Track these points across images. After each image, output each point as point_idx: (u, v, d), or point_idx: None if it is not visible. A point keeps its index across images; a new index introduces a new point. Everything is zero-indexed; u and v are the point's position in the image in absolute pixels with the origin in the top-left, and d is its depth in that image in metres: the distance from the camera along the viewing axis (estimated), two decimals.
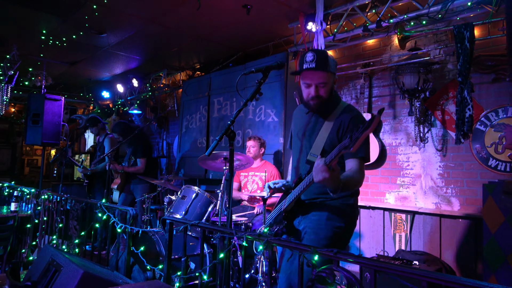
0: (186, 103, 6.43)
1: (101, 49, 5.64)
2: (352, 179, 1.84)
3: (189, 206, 3.37)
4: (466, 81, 2.94)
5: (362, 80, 4.23)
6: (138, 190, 4.88)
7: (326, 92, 1.99)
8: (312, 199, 2.02)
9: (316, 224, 1.94)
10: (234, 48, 5.50)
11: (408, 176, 3.98)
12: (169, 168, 7.26)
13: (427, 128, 3.80)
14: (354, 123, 1.94)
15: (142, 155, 4.90)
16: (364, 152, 1.91)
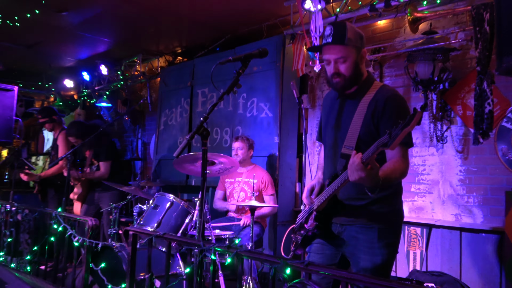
0: (165, 94, 6.58)
1: (63, 29, 5.78)
2: (393, 172, 1.95)
3: (162, 217, 3.51)
4: (486, 71, 3.09)
5: (371, 68, 4.37)
6: (105, 200, 5.02)
7: (347, 68, 2.11)
8: (352, 200, 2.14)
9: (368, 247, 2.08)
10: (222, 29, 5.64)
11: (424, 183, 4.11)
12: (145, 172, 7.40)
13: (446, 125, 3.94)
14: (391, 106, 2.05)
15: (106, 158, 5.02)
16: (407, 138, 2.01)
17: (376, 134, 2.06)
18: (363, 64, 2.19)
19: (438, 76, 3.71)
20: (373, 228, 2.08)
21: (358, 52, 2.14)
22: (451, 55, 3.78)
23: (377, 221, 2.09)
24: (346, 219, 2.15)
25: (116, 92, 7.59)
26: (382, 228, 2.08)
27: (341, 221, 2.17)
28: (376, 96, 2.10)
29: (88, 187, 5.06)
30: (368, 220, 2.10)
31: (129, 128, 7.70)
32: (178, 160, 3.71)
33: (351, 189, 2.11)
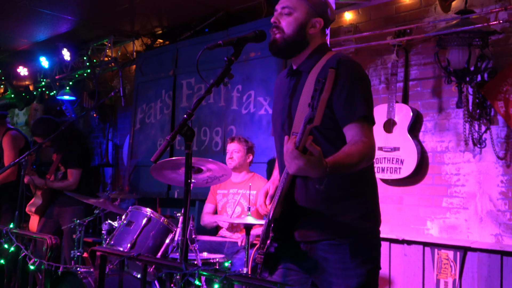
0: (142, 85, 6.66)
1: (16, 4, 5.84)
2: (347, 156, 1.91)
3: (137, 236, 3.58)
4: None
5: (394, 55, 4.45)
6: (66, 215, 5.09)
7: (289, 23, 2.17)
8: (311, 203, 2.13)
9: (339, 269, 2.07)
10: (212, 6, 5.71)
11: (458, 196, 4.20)
12: (116, 181, 7.46)
13: (485, 126, 4.02)
14: (345, 73, 2.02)
15: (76, 164, 5.10)
16: (363, 109, 2.02)
17: (330, 114, 2.07)
18: (313, 33, 2.22)
19: (475, 65, 3.80)
20: (343, 245, 2.07)
21: (310, 13, 2.19)
22: (490, 40, 3.87)
23: (347, 233, 2.09)
24: (310, 233, 2.14)
25: (81, 83, 7.66)
26: (355, 242, 2.08)
27: (305, 237, 2.15)
28: (326, 66, 2.11)
29: (49, 198, 5.14)
30: (335, 233, 2.09)
31: (97, 127, 7.77)
32: (157, 167, 3.79)
33: (308, 188, 2.12)
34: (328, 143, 2.10)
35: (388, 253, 4.44)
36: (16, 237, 2.94)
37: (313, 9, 2.20)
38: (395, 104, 4.40)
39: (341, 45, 4.79)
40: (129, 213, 3.76)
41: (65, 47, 7.01)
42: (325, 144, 2.07)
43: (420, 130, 4.43)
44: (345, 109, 2.04)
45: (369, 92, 2.12)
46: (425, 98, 4.44)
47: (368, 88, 2.13)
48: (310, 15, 2.20)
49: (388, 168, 4.42)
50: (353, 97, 2.04)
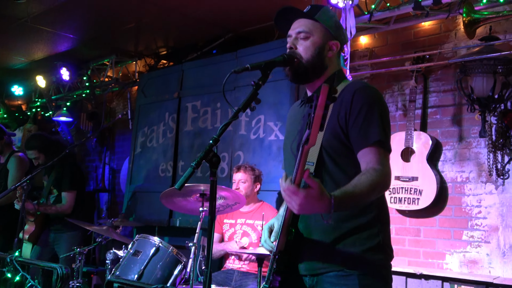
0: (144, 108, 6.66)
1: (16, 21, 5.87)
2: (357, 186, 1.87)
3: (144, 267, 3.53)
4: None
5: (412, 81, 4.49)
6: (63, 242, 5.02)
7: (307, 49, 2.17)
8: (317, 234, 2.10)
9: None
10: (220, 26, 5.76)
11: (479, 229, 4.20)
12: (113, 208, 7.42)
13: (508, 156, 4.04)
14: (360, 99, 2.03)
15: (70, 187, 5.05)
16: (379, 134, 1.99)
17: (345, 140, 2.05)
18: (331, 56, 2.24)
19: (499, 94, 3.83)
20: (352, 276, 2.02)
21: (327, 36, 2.20)
22: None
23: (356, 264, 2.04)
24: (316, 265, 2.10)
25: (79, 104, 7.66)
26: (364, 273, 2.04)
27: (310, 270, 2.12)
28: (342, 93, 2.11)
29: (42, 224, 5.09)
30: (343, 265, 2.04)
31: (93, 150, 7.75)
32: (166, 194, 3.78)
33: (314, 220, 2.08)
34: (341, 172, 2.07)
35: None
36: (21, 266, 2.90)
37: (329, 32, 2.21)
38: (413, 132, 4.42)
39: (356, 70, 4.83)
40: (135, 242, 3.72)
41: (64, 66, 7.02)
42: (337, 173, 2.07)
43: (440, 160, 4.45)
44: (360, 134, 2.02)
45: (386, 118, 2.10)
46: (444, 126, 4.46)
47: (385, 114, 2.11)
48: (327, 38, 2.21)
49: (406, 199, 4.42)
50: (368, 122, 2.02)
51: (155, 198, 6.25)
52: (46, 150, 5.00)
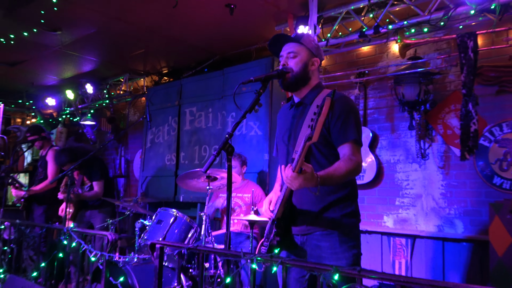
0: (152, 113, 6.47)
1: (51, 48, 5.66)
2: (335, 170, 1.94)
3: (166, 232, 3.45)
4: (471, 94, 3.27)
5: (356, 90, 4.52)
6: (97, 216, 4.87)
7: (296, 63, 2.18)
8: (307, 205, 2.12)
9: (331, 254, 2.03)
10: (210, 51, 5.68)
11: (408, 197, 4.26)
12: (128, 190, 7.25)
13: (428, 143, 4.12)
14: (339, 105, 2.05)
15: (99, 178, 4.90)
16: (354, 134, 2.04)
17: (328, 136, 2.09)
18: (313, 70, 2.24)
19: (422, 98, 3.89)
20: (332, 234, 2.05)
21: (310, 55, 2.22)
22: (433, 79, 3.98)
23: (336, 226, 2.06)
24: (306, 227, 2.11)
25: (100, 111, 7.44)
26: (342, 233, 2.05)
27: (301, 231, 2.13)
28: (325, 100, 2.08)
29: (78, 205, 4.91)
30: (326, 227, 2.07)
31: (112, 146, 7.54)
32: (181, 177, 3.70)
33: (304, 195, 2.11)
34: (325, 159, 2.11)
35: None
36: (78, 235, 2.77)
37: (311, 52, 2.23)
38: None
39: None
40: (158, 213, 3.62)
41: (88, 83, 6.80)
42: (322, 160, 2.11)
43: (377, 147, 4.49)
44: (340, 133, 2.07)
45: (358, 121, 2.14)
46: (380, 122, 4.50)
47: (358, 118, 2.14)
48: (310, 56, 2.23)
49: None
50: (346, 125, 2.06)
51: (162, 181, 6.15)
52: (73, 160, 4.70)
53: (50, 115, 8.36)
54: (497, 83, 3.64)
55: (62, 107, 7.90)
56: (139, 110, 7.24)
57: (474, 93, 3.34)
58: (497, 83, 3.64)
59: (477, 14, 3.40)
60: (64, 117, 7.98)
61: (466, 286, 1.24)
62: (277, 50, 2.32)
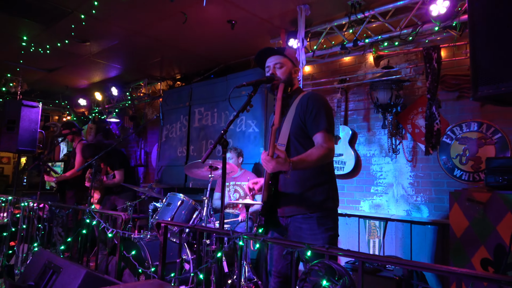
0: (166, 112, 6.49)
1: (82, 57, 5.65)
2: (308, 156, 1.91)
3: (174, 213, 3.45)
4: (434, 98, 3.23)
5: (339, 94, 4.48)
6: (120, 201, 4.88)
7: (283, 73, 2.17)
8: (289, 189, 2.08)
9: (310, 234, 2.00)
10: (215, 60, 5.66)
11: (381, 185, 4.23)
12: (147, 177, 7.25)
13: (399, 140, 4.08)
14: (312, 102, 2.05)
15: (119, 167, 4.89)
16: (325, 124, 2.01)
17: (305, 128, 2.06)
18: (295, 77, 2.24)
19: (394, 101, 3.85)
20: (312, 218, 2.01)
21: (292, 65, 2.22)
22: (403, 85, 3.94)
23: (315, 209, 2.02)
24: (289, 209, 2.07)
25: (123, 110, 7.43)
26: (320, 216, 2.01)
27: (284, 213, 2.09)
28: (302, 99, 2.12)
29: (104, 191, 4.92)
30: (306, 210, 2.03)
31: (133, 139, 7.54)
32: (188, 166, 3.68)
33: (287, 180, 2.07)
34: (303, 148, 2.07)
35: None
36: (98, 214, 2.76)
37: (292, 62, 2.23)
38: (340, 125, 4.42)
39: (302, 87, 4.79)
40: (168, 197, 3.62)
41: (113, 86, 6.79)
42: (301, 149, 2.07)
43: (356, 143, 4.46)
44: (313, 123, 2.04)
45: (330, 113, 2.11)
46: (358, 122, 4.47)
47: (329, 111, 2.11)
48: (293, 66, 2.22)
49: (336, 167, 4.42)
50: (318, 116, 2.04)
51: (175, 170, 6.15)
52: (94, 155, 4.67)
53: (82, 113, 8.36)
54: (458, 89, 3.60)
55: (92, 106, 7.89)
56: (156, 109, 7.21)
57: (438, 98, 3.30)
58: (458, 89, 3.60)
59: (441, 31, 3.36)
60: (94, 115, 7.97)
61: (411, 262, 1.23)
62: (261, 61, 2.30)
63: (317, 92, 4.64)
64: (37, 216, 3.48)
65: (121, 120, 7.34)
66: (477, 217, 3.07)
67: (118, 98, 7.18)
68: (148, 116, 6.92)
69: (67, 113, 8.59)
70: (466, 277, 1.12)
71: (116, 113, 7.26)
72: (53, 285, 1.81)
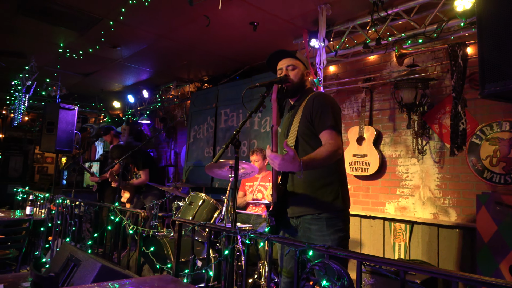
0: (194, 114, 6.65)
1: (114, 61, 5.90)
2: (316, 154, 1.86)
3: (196, 211, 3.53)
4: (460, 97, 3.11)
5: (363, 94, 4.41)
6: (148, 198, 5.07)
7: (296, 75, 2.17)
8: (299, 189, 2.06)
9: (319, 235, 1.97)
10: (241, 61, 5.73)
11: (407, 187, 4.11)
12: (176, 176, 7.44)
13: (425, 141, 3.95)
14: (318, 102, 2.04)
15: (143, 167, 5.07)
16: (331, 121, 1.98)
17: (312, 128, 2.04)
18: (307, 79, 2.22)
19: (419, 101, 3.74)
20: (321, 218, 1.98)
21: (304, 68, 2.21)
22: (429, 84, 3.82)
23: (324, 210, 1.98)
24: (298, 209, 2.04)
25: (154, 112, 7.68)
26: (329, 217, 1.98)
27: (295, 213, 2.06)
28: (309, 99, 2.11)
29: (134, 190, 5.13)
30: (315, 210, 1.99)
31: (164, 140, 7.77)
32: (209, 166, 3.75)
33: (296, 180, 2.05)
34: (311, 148, 2.03)
35: (359, 225, 4.35)
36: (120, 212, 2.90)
37: (305, 65, 2.23)
38: (364, 126, 4.34)
39: (327, 87, 4.76)
40: (190, 196, 3.71)
41: (145, 89, 7.04)
42: (309, 150, 2.03)
43: (381, 143, 4.36)
44: (320, 122, 2.02)
45: (337, 113, 2.06)
46: (384, 122, 4.37)
47: (336, 109, 2.07)
48: (304, 69, 2.23)
49: (360, 168, 4.35)
50: (325, 115, 2.02)
51: (202, 170, 6.28)
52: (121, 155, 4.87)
53: (116, 115, 8.73)
54: None
55: (126, 108, 8.21)
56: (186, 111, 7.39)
57: (464, 96, 3.17)
58: None
59: (468, 26, 3.22)
60: (127, 117, 8.29)
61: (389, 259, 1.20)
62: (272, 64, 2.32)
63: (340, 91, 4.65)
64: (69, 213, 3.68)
65: (152, 122, 7.59)
66: (506, 222, 2.92)
67: (149, 100, 7.43)
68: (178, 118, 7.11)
69: (103, 115, 8.99)
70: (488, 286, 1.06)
71: (147, 114, 7.52)
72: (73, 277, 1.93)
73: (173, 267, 2.11)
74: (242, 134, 5.57)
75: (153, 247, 2.97)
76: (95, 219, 3.27)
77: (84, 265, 1.93)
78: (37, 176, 10.70)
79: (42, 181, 10.58)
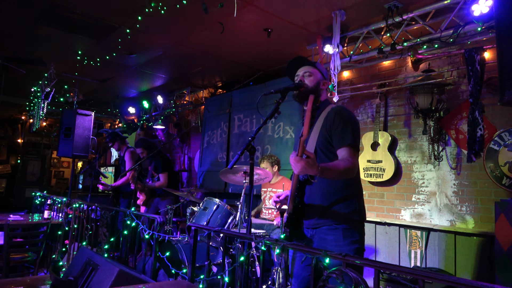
0: (208, 119, 6.70)
1: (130, 68, 6.01)
2: (334, 165, 1.90)
3: (210, 217, 3.55)
4: (477, 102, 3.07)
5: (378, 99, 4.38)
6: (163, 203, 5.11)
7: (311, 81, 2.18)
8: (316, 201, 2.07)
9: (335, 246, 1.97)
10: (255, 67, 5.76)
11: (423, 194, 4.06)
12: (190, 181, 7.49)
13: (442, 146, 3.90)
14: (338, 116, 2.06)
15: (163, 170, 5.12)
16: (350, 139, 2.00)
17: (330, 141, 2.06)
18: (323, 89, 2.22)
19: (435, 106, 3.70)
20: (338, 229, 1.99)
21: (322, 77, 2.21)
22: (445, 89, 3.77)
23: (341, 221, 1.99)
24: (315, 221, 2.05)
25: (168, 117, 7.76)
26: (346, 228, 1.99)
27: (311, 224, 2.07)
28: (330, 112, 2.12)
29: (150, 194, 5.18)
30: (332, 221, 2.01)
31: (178, 145, 7.85)
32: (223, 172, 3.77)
33: (314, 192, 2.06)
34: (328, 160, 2.06)
35: (374, 232, 4.31)
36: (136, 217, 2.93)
37: (322, 74, 2.23)
38: (379, 131, 4.31)
39: (341, 93, 4.74)
40: (204, 201, 3.73)
41: (159, 95, 7.13)
42: (326, 161, 2.06)
43: (396, 149, 4.32)
44: (339, 138, 2.03)
45: (356, 129, 2.08)
46: (399, 128, 4.33)
47: (356, 126, 2.08)
48: (322, 78, 2.23)
49: (374, 174, 4.31)
50: (344, 131, 2.03)
51: (216, 175, 6.30)
52: (147, 147, 5.07)
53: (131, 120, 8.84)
54: None
55: (141, 114, 8.32)
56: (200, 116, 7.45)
57: (481, 102, 3.12)
58: None
59: (485, 31, 3.18)
60: (142, 122, 8.40)
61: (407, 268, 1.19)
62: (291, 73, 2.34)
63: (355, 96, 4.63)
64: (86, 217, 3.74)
65: (166, 127, 7.67)
66: None
67: (163, 106, 7.51)
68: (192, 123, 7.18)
69: (118, 120, 9.12)
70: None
71: (161, 120, 7.60)
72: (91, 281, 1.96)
73: (189, 272, 2.12)
74: (256, 139, 5.56)
75: (168, 252, 2.99)
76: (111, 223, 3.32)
77: (102, 269, 1.96)
78: (54, 180, 10.91)
79: (59, 185, 10.79)
